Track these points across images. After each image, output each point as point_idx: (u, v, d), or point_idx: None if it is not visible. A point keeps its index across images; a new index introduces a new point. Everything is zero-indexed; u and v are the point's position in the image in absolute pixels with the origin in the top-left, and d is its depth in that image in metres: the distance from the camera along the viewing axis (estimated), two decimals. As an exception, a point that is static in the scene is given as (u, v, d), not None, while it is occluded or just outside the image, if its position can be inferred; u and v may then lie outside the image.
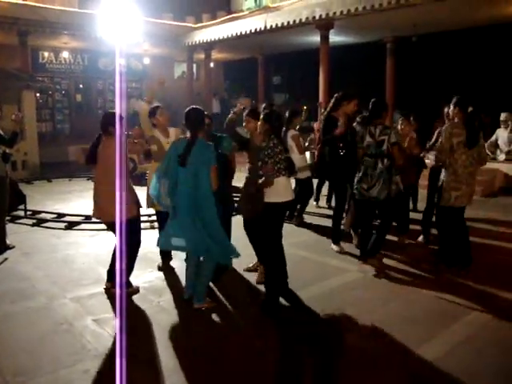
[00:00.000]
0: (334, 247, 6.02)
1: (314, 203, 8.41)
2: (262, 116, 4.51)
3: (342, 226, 6.32)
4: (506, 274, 5.19)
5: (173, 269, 5.29)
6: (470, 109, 5.15)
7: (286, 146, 4.55)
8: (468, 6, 10.73)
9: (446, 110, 6.12)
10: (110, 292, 4.59)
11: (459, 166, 5.07)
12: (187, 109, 4.41)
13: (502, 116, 10.13)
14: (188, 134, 4.30)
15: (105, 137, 4.52)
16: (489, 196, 9.36)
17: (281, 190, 4.35)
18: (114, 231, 4.46)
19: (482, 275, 5.12)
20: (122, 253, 4.04)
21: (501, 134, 10.35)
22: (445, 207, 5.20)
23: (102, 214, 4.54)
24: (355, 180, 5.41)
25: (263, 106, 6.78)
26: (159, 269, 5.32)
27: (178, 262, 5.32)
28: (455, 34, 13.43)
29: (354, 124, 5.97)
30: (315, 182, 7.88)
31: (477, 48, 13.66)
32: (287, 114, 7.12)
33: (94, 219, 7.32)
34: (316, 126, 8.24)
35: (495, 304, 4.40)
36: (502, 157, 10.27)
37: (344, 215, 6.51)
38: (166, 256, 5.43)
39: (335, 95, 5.93)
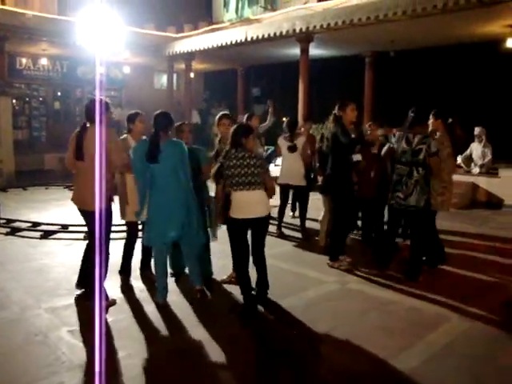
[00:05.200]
0: (341, 264, 5.68)
1: (291, 214, 8.43)
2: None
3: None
4: (479, 285, 5.28)
5: (149, 279, 5.22)
6: (450, 120, 5.67)
7: (246, 159, 4.31)
8: (443, 25, 11.01)
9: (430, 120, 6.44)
10: (83, 301, 4.52)
11: (446, 174, 5.54)
12: (156, 112, 4.64)
13: (476, 130, 10.37)
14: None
15: (90, 125, 4.44)
16: (463, 208, 9.53)
17: (236, 206, 4.33)
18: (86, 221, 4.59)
19: (457, 286, 5.22)
20: (102, 246, 4.13)
21: (474, 148, 10.59)
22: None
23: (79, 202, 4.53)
24: (391, 188, 5.33)
25: (245, 116, 6.79)
26: (122, 286, 5.12)
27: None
28: (431, 51, 13.74)
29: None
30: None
31: (451, 65, 13.98)
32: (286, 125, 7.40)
33: (70, 228, 7.30)
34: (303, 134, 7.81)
35: (470, 314, 4.46)
36: (476, 170, 10.49)
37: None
38: (126, 273, 5.29)
39: (334, 112, 5.60)
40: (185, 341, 3.92)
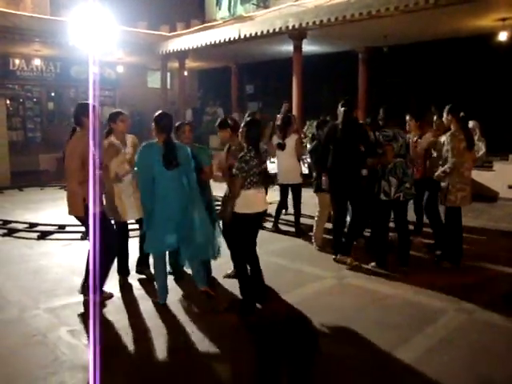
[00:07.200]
0: (348, 260, 5.66)
1: (284, 210, 8.41)
2: (242, 125, 4.55)
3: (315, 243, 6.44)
4: (475, 278, 5.31)
5: (148, 279, 5.23)
6: (462, 114, 5.60)
7: (262, 157, 4.52)
8: (436, 20, 11.04)
9: (407, 118, 6.57)
10: (85, 302, 4.53)
11: (465, 169, 5.53)
12: (158, 113, 4.48)
13: (470, 124, 10.37)
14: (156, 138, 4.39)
15: (78, 128, 4.46)
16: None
17: (251, 202, 4.41)
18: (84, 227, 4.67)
19: (453, 279, 5.25)
20: (96, 252, 4.06)
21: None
22: (450, 208, 5.63)
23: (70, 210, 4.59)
24: (393, 182, 5.35)
25: (247, 113, 6.83)
26: (120, 285, 5.11)
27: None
28: (424, 46, 13.78)
29: None
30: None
31: (445, 59, 14.03)
32: (280, 122, 7.50)
33: (67, 228, 7.29)
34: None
35: (466, 306, 4.50)
36: (470, 164, 10.54)
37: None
38: (124, 272, 5.26)
39: (343, 109, 5.60)
40: (183, 338, 3.93)
